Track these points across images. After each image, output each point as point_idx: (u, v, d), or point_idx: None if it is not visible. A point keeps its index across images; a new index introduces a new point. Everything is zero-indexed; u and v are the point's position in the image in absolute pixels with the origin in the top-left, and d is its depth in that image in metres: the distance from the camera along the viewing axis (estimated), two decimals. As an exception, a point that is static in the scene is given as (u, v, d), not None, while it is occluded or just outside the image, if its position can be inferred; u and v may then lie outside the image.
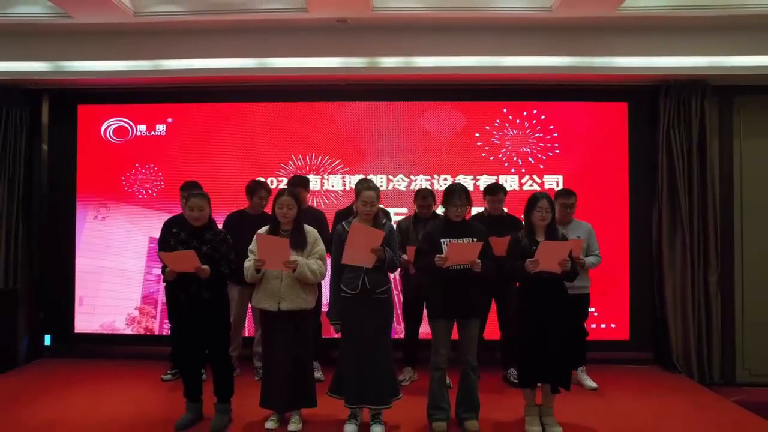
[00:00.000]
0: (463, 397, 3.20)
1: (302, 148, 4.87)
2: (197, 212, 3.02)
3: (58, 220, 4.98)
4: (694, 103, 4.55)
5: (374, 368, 3.03)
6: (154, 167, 4.91)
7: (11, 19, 4.25)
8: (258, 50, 4.50)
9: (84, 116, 4.99)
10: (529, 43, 4.41)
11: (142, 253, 4.88)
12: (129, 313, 4.87)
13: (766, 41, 4.31)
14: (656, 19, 4.18)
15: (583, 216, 4.22)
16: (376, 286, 3.03)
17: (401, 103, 4.86)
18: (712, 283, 4.50)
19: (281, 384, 3.10)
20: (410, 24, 4.35)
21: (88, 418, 3.39)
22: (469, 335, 3.13)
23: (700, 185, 4.56)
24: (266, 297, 3.05)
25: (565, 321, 3.13)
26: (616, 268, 4.69)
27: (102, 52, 4.57)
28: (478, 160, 4.81)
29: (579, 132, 4.81)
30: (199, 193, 3.13)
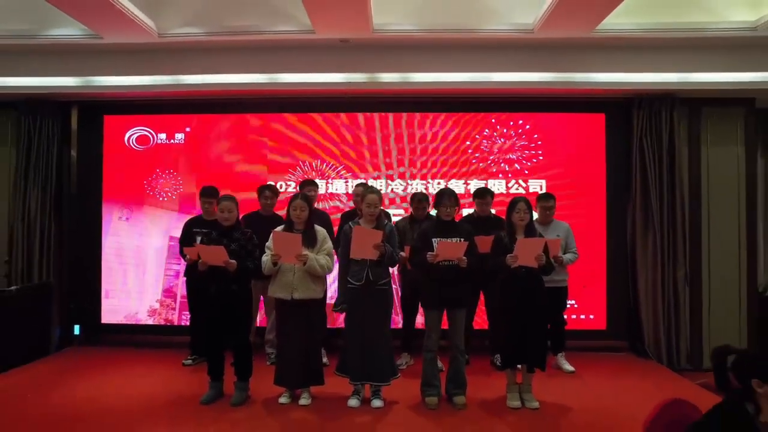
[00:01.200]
0: (452, 376, 3.60)
1: (309, 155, 5.24)
2: (227, 213, 3.42)
3: (86, 220, 5.35)
4: (663, 114, 4.94)
5: (375, 350, 3.43)
6: (174, 172, 5.29)
7: (48, 40, 4.64)
8: (269, 67, 4.86)
9: (109, 126, 5.36)
10: (514, 61, 4.78)
11: (162, 251, 5.26)
12: (150, 305, 5.26)
13: (726, 59, 4.68)
14: (628, 39, 4.56)
15: (564, 216, 4.63)
16: (378, 278, 3.43)
17: (399, 114, 5.22)
18: (679, 277, 4.89)
19: (293, 364, 3.51)
20: (407, 44, 4.71)
21: (120, 396, 3.76)
22: (457, 323, 3.51)
23: (670, 188, 4.92)
24: (281, 287, 3.45)
25: (541, 310, 3.53)
26: (594, 264, 5.07)
27: (127, 68, 4.93)
28: (468, 166, 5.17)
29: (561, 140, 5.19)
30: (229, 197, 3.53)
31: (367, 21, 4.18)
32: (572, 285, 4.64)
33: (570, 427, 3.25)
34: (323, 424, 3.25)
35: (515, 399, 3.54)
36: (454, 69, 4.80)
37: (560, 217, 4.55)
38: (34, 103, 5.15)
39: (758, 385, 1.73)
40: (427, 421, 3.30)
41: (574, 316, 5.04)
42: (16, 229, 5.12)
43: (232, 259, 3.32)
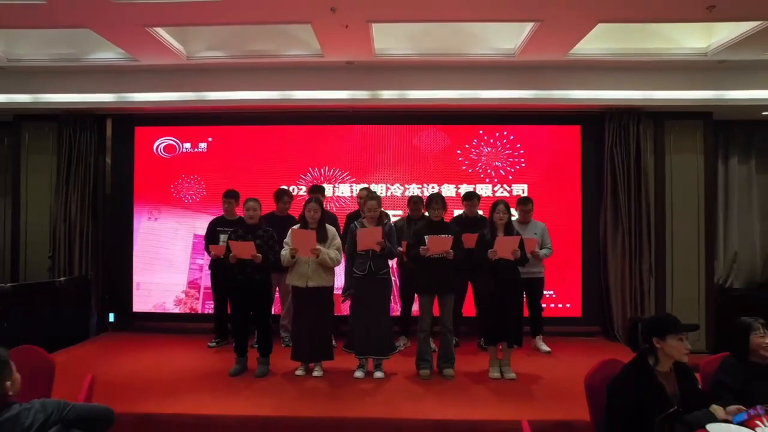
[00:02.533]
0: (442, 352, 4.18)
1: (317, 162, 5.81)
2: (252, 212, 4.00)
3: (120, 220, 5.92)
4: (631, 126, 5.51)
5: (377, 329, 4.01)
6: (197, 177, 5.85)
7: (90, 62, 5.20)
8: (283, 85, 5.41)
9: (140, 136, 5.93)
10: (499, 80, 5.32)
11: (187, 247, 5.83)
12: (177, 295, 5.83)
13: (683, 79, 5.24)
14: (599, 62, 5.12)
15: (543, 217, 5.20)
16: (379, 269, 4.01)
17: (397, 126, 5.79)
18: (644, 270, 5.46)
19: (307, 342, 4.09)
20: (404, 65, 5.26)
21: (158, 371, 4.29)
22: (446, 306, 4.08)
23: (637, 192, 5.48)
24: (298, 277, 4.02)
25: (517, 295, 4.12)
26: (570, 259, 5.65)
27: (157, 85, 5.49)
28: (459, 172, 5.74)
29: (541, 149, 5.76)
30: (254, 199, 4.10)
31: (369, 46, 4.74)
32: (550, 277, 5.24)
33: (540, 391, 3.82)
34: (333, 391, 3.82)
35: (496, 371, 4.11)
36: (446, 87, 5.36)
37: (540, 217, 5.12)
38: (73, 117, 5.71)
39: (657, 342, 2.31)
40: (421, 388, 3.87)
41: (552, 304, 5.62)
42: (59, 229, 5.67)
43: (258, 253, 3.90)
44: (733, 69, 5.16)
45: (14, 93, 5.54)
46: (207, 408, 3.43)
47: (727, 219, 6.24)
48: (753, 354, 2.60)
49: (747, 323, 2.67)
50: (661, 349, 2.31)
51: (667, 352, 2.32)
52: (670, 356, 2.33)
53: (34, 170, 5.90)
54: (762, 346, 2.57)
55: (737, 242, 6.19)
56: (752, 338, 2.60)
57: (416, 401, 3.59)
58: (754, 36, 4.27)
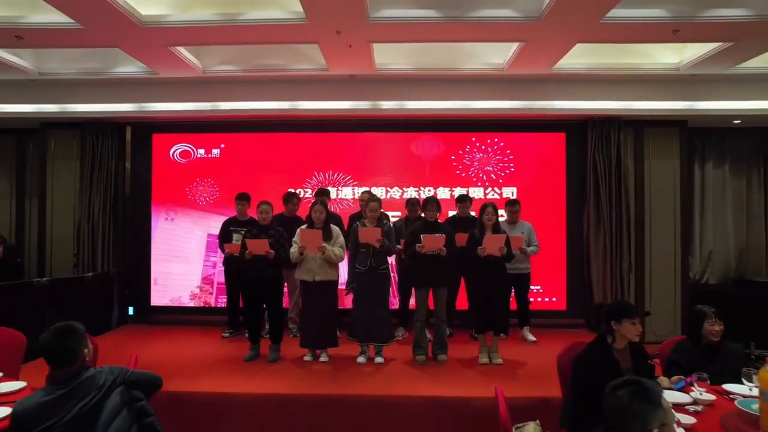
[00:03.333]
0: (436, 340, 4.60)
1: (322, 167, 6.22)
2: (265, 214, 4.43)
3: (138, 221, 6.34)
4: (612, 134, 5.93)
5: (377, 318, 4.43)
6: (211, 181, 6.27)
7: (113, 76, 5.63)
8: (291, 96, 5.82)
9: (157, 142, 6.34)
10: (489, 91, 5.74)
11: (201, 246, 6.25)
12: (191, 290, 6.24)
13: (659, 91, 5.66)
14: (581, 75, 5.52)
15: (531, 217, 5.60)
16: (379, 264, 4.44)
17: (396, 133, 6.20)
18: (624, 267, 5.87)
19: (314, 330, 4.51)
20: (402, 78, 5.66)
21: (179, 357, 4.69)
22: (439, 298, 4.50)
23: (617, 195, 5.89)
24: (306, 272, 4.44)
25: (504, 288, 4.55)
26: (556, 256, 6.07)
27: (174, 96, 5.89)
28: (453, 176, 6.15)
29: (528, 155, 6.17)
30: (267, 202, 4.52)
31: (370, 61, 5.15)
32: (537, 273, 5.66)
33: (523, 374, 4.25)
34: (338, 374, 4.24)
35: (485, 357, 4.53)
36: (441, 98, 5.78)
37: (528, 217, 5.53)
38: (96, 124, 6.13)
39: (614, 324, 2.74)
40: (417, 371, 4.29)
41: (539, 299, 6.05)
42: (82, 229, 6.09)
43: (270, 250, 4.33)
44: (704, 82, 5.58)
45: (42, 103, 5.95)
46: (228, 387, 3.85)
47: (703, 219, 6.67)
48: (705, 338, 3.04)
49: (702, 312, 3.10)
50: (617, 331, 2.73)
51: (622, 333, 2.75)
52: (624, 337, 2.75)
53: (59, 174, 6.32)
54: (712, 332, 3.01)
55: (712, 241, 6.62)
56: (705, 325, 3.04)
57: (412, 381, 4.02)
58: (718, 54, 4.70)
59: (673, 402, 2.39)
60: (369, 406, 3.69)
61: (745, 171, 6.64)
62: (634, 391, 1.62)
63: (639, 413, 1.56)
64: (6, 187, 6.86)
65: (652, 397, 1.58)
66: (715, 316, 3.05)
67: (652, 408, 1.57)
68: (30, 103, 5.95)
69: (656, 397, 1.60)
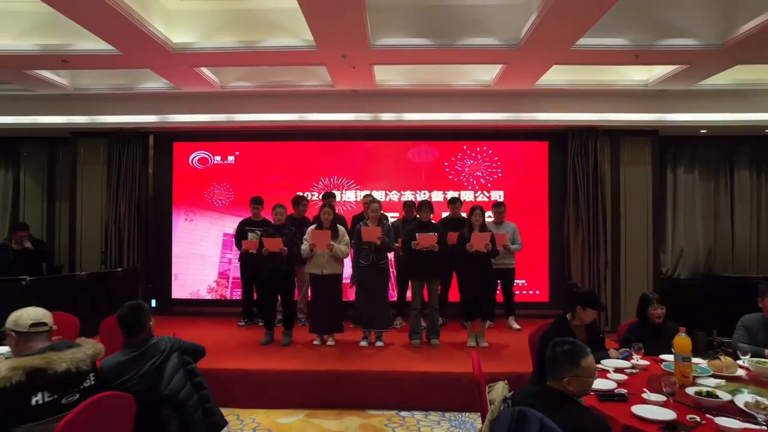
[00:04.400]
0: (430, 326, 5.19)
1: (327, 172, 6.81)
2: (279, 216, 5.02)
3: (160, 221, 6.92)
4: (590, 142, 6.52)
5: (378, 307, 5.02)
6: (227, 185, 6.85)
7: (139, 91, 6.21)
8: (299, 109, 6.39)
9: (177, 150, 6.93)
10: (478, 105, 6.31)
11: (218, 244, 6.84)
12: (209, 284, 6.83)
13: (632, 104, 6.25)
14: (561, 90, 6.09)
15: (516, 218, 6.18)
16: (380, 259, 5.02)
17: (394, 142, 6.78)
18: (601, 263, 6.47)
19: (322, 318, 5.10)
20: (400, 93, 6.24)
21: (201, 342, 5.27)
22: (432, 289, 5.09)
23: (594, 197, 6.48)
24: (315, 266, 5.02)
25: (489, 280, 5.14)
26: (539, 253, 6.67)
27: (193, 108, 6.46)
28: (446, 181, 6.74)
29: (514, 161, 6.77)
30: (281, 205, 5.11)
31: (372, 79, 5.72)
32: (522, 269, 6.25)
33: (505, 355, 4.82)
34: (343, 355, 4.82)
35: (472, 341, 5.12)
36: (435, 111, 6.36)
37: (513, 218, 6.12)
38: (121, 134, 6.71)
39: (579, 308, 3.32)
40: (412, 353, 4.88)
41: (524, 291, 6.64)
42: (110, 228, 6.68)
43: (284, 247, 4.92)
44: (671, 96, 6.17)
45: (74, 115, 6.54)
46: (249, 366, 4.44)
47: (675, 220, 7.26)
48: (650, 320, 3.63)
49: (648, 298, 3.70)
50: (579, 313, 3.32)
51: (581, 316, 3.34)
52: (582, 319, 3.35)
53: (88, 179, 6.91)
54: (655, 315, 3.60)
55: (683, 239, 7.20)
56: (650, 309, 3.62)
57: (408, 360, 4.61)
58: (678, 74, 5.29)
59: (616, 366, 3.00)
60: (370, 379, 4.29)
61: (713, 176, 7.23)
62: (565, 347, 2.16)
63: (560, 364, 2.09)
64: (38, 190, 7.45)
65: (575, 355, 2.10)
66: (658, 302, 3.65)
67: (571, 363, 2.08)
68: (63, 115, 6.53)
69: (579, 357, 2.10)
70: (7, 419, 1.99)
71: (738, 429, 2.08)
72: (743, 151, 7.18)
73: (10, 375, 2.00)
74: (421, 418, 4.06)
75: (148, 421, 2.51)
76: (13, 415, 2.00)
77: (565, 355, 2.08)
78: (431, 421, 4.02)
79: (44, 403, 2.07)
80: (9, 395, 1.99)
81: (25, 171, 7.48)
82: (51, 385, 2.10)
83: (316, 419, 4.02)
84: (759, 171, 7.23)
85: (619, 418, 2.28)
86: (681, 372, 2.68)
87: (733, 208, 7.23)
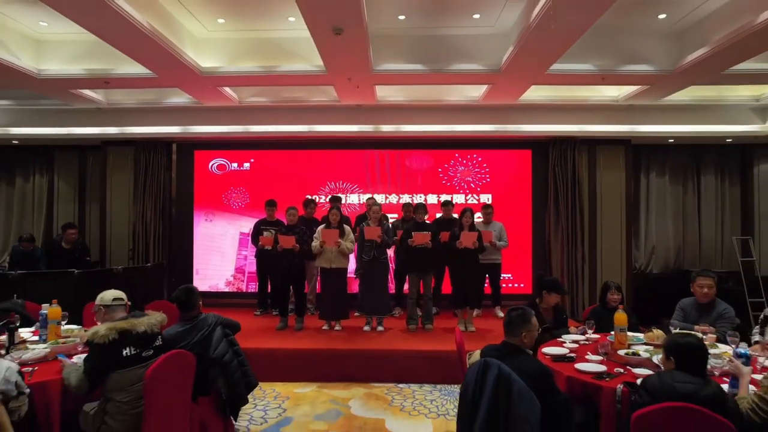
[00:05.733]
0: (425, 314, 5.85)
1: (333, 177, 7.49)
2: (292, 217, 5.70)
3: (183, 222, 7.58)
4: (569, 151, 7.21)
5: (379, 296, 5.69)
6: (243, 189, 7.53)
7: (164, 105, 6.89)
8: (308, 121, 7.05)
9: (198, 157, 7.61)
10: (469, 117, 6.98)
11: (235, 242, 7.52)
12: (227, 278, 7.51)
13: (607, 117, 6.89)
14: (542, 104, 6.78)
15: (503, 218, 6.83)
16: (381, 255, 5.69)
17: (393, 150, 7.46)
18: (579, 259, 7.14)
19: (330, 306, 5.77)
20: (399, 107, 6.90)
21: None
22: (426, 281, 5.77)
23: (573, 200, 7.15)
24: (325, 261, 5.68)
25: (478, 274, 5.82)
26: (523, 250, 7.35)
27: (213, 120, 7.12)
28: (439, 185, 7.42)
29: (501, 168, 7.45)
30: (294, 207, 5.78)
31: (373, 95, 6.39)
32: (508, 264, 6.92)
33: (491, 338, 5.46)
34: (349, 337, 5.49)
35: (462, 326, 5.78)
36: (429, 123, 7.02)
37: (500, 219, 6.78)
38: (147, 143, 7.38)
39: (545, 292, 4.00)
40: (409, 336, 5.56)
41: (510, 284, 7.32)
42: (137, 228, 7.35)
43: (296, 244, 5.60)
44: (641, 110, 6.85)
45: (105, 126, 7.22)
46: (268, 345, 5.12)
47: (647, 220, 7.95)
48: (608, 304, 4.30)
49: (608, 285, 4.38)
50: (545, 297, 4.01)
51: (547, 300, 4.03)
52: (548, 302, 4.04)
53: (116, 183, 7.58)
54: (612, 299, 4.27)
55: (655, 238, 7.89)
56: (608, 294, 4.31)
57: (405, 342, 5.29)
58: (643, 92, 5.98)
59: (573, 339, 3.67)
60: (373, 357, 4.97)
61: (682, 180, 7.92)
62: (519, 312, 2.83)
63: (517, 323, 2.76)
64: (70, 193, 8.13)
65: (526, 316, 2.77)
66: (616, 289, 4.33)
67: (524, 322, 2.75)
68: (96, 126, 7.21)
69: (529, 316, 2.76)
70: (106, 366, 2.67)
71: (647, 373, 2.76)
72: (708, 158, 7.87)
73: (107, 333, 2.68)
74: (416, 389, 4.73)
75: (201, 378, 3.19)
76: (110, 363, 2.67)
77: (519, 317, 2.76)
78: (424, 391, 4.69)
79: (131, 355, 2.74)
80: (107, 348, 2.66)
81: (59, 176, 8.15)
82: (134, 341, 2.77)
83: (326, 389, 4.70)
84: (723, 176, 7.91)
85: (563, 372, 2.96)
86: (619, 340, 3.36)
87: (700, 210, 7.92)
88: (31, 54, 5.32)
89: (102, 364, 2.68)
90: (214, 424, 3.38)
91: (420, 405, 4.34)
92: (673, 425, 1.97)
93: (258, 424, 3.97)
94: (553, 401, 2.49)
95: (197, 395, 3.18)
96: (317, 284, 6.33)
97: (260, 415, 4.14)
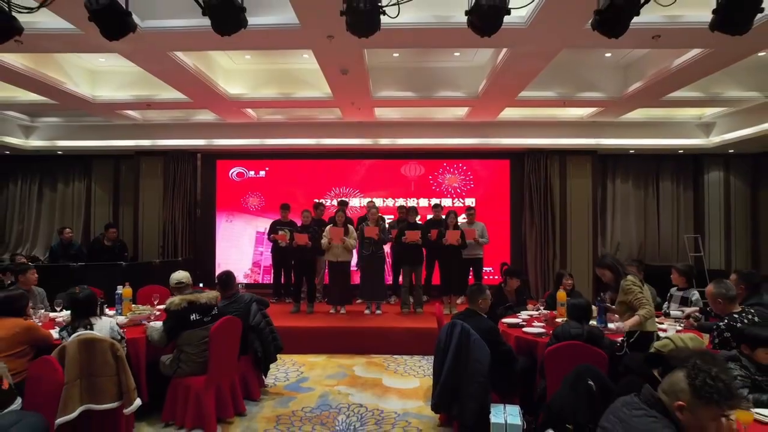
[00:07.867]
0: (416, 300, 6.84)
1: (338, 183, 8.47)
2: (306, 218, 6.69)
3: (207, 222, 8.56)
4: (542, 160, 8.20)
5: (377, 285, 6.66)
6: (259, 194, 8.51)
7: (191, 121, 7.88)
8: (316, 135, 8.03)
9: (220, 166, 8.59)
10: (455, 132, 7.95)
11: (252, 240, 8.49)
12: (245, 272, 8.49)
13: (574, 131, 7.89)
14: (518, 121, 7.75)
15: (484, 220, 7.77)
16: (378, 250, 6.65)
17: (390, 160, 8.43)
18: (550, 255, 8.13)
19: (336, 293, 6.75)
20: (394, 123, 7.86)
21: None
22: (418, 273, 6.76)
23: (545, 204, 8.13)
24: (332, 255, 6.63)
25: (461, 266, 6.81)
26: (503, 247, 8.32)
27: (233, 134, 8.09)
28: (430, 191, 8.40)
29: (483, 175, 8.44)
30: (308, 210, 6.76)
31: (373, 113, 7.38)
32: (489, 259, 7.89)
33: (469, 319, 6.49)
34: (352, 319, 6.46)
35: (447, 310, 6.73)
36: (421, 136, 8.00)
37: (482, 219, 7.75)
38: (175, 153, 8.37)
39: (508, 278, 4.99)
40: (403, 317, 6.53)
41: (491, 277, 8.29)
42: (166, 228, 8.33)
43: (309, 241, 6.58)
44: (604, 125, 7.84)
45: (139, 139, 8.20)
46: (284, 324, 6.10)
47: (613, 220, 8.93)
48: (563, 287, 5.28)
49: (561, 273, 5.37)
50: (508, 282, 5.00)
51: (510, 284, 5.02)
52: (511, 286, 5.03)
53: (148, 189, 8.55)
54: (566, 285, 5.25)
55: (620, 235, 8.87)
56: (563, 280, 5.29)
57: (399, 321, 6.27)
58: (601, 112, 6.98)
59: (528, 314, 4.66)
60: (372, 334, 5.95)
61: (643, 185, 8.91)
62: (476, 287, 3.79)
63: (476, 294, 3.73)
64: (105, 197, 9.10)
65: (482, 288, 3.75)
66: (570, 276, 5.31)
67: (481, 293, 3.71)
68: (131, 139, 8.20)
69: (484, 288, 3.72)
70: (179, 326, 3.65)
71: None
72: (665, 166, 8.87)
73: (180, 302, 3.67)
74: (408, 359, 5.71)
75: (242, 341, 4.17)
76: (182, 324, 3.66)
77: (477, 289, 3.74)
78: (414, 360, 5.67)
79: (196, 320, 3.73)
80: (181, 313, 3.65)
81: (95, 182, 9.12)
82: (198, 309, 3.76)
83: (335, 359, 5.68)
84: (678, 182, 8.91)
85: (513, 334, 3.96)
86: (559, 312, 4.35)
87: (659, 211, 8.91)
88: (88, 82, 6.31)
89: (176, 325, 3.67)
90: (251, 377, 4.37)
91: (410, 369, 5.33)
92: (568, 355, 2.96)
93: (282, 382, 4.94)
94: (499, 349, 3.48)
95: (239, 355, 4.16)
96: (325, 276, 7.31)
97: (283, 376, 5.13)
